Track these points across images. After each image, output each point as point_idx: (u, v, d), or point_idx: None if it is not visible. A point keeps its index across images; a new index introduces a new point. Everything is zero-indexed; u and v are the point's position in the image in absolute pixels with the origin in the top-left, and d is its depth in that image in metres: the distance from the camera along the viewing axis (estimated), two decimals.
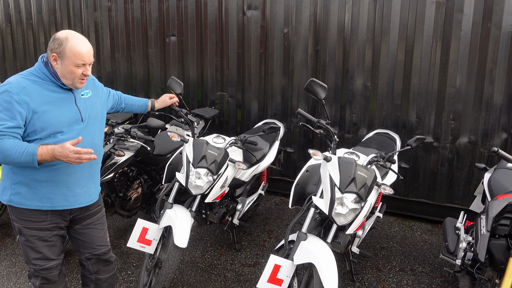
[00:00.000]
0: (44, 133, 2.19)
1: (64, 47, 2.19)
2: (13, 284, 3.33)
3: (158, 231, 3.06)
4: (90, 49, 2.26)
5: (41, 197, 2.27)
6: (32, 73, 2.25)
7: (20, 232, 2.35)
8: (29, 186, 2.25)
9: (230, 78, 5.13)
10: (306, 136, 4.88)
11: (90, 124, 2.38)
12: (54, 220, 2.35)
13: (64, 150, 2.08)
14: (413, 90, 4.23)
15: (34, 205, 2.28)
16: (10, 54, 6.66)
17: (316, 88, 2.78)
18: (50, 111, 2.21)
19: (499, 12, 3.82)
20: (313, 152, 2.59)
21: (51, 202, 2.30)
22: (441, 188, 4.31)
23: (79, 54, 2.20)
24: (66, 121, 2.26)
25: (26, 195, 2.27)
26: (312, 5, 4.55)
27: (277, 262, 2.57)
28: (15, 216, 2.33)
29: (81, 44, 2.23)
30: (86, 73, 2.25)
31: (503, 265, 2.42)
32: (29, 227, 2.31)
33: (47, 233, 2.34)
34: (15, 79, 2.21)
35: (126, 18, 5.60)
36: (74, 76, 2.23)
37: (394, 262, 3.69)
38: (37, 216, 2.30)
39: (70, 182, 2.32)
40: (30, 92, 2.17)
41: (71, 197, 2.34)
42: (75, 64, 2.20)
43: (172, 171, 3.45)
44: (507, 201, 2.55)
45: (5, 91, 2.14)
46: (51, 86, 2.25)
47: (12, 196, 2.28)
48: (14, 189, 2.27)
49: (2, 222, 4.35)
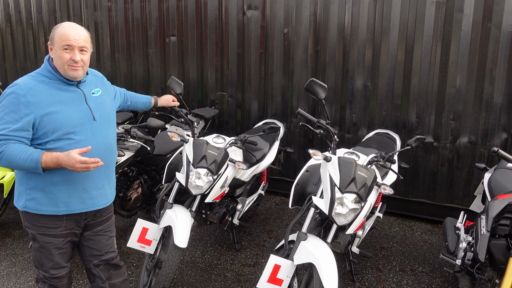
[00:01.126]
0: (56, 135, 2.13)
1: (54, 33, 2.16)
2: (13, 284, 3.33)
3: (158, 231, 3.06)
4: (80, 33, 2.17)
5: (57, 201, 2.20)
6: (39, 73, 2.20)
7: (34, 239, 2.28)
8: (44, 191, 2.18)
9: (230, 78, 5.13)
10: (306, 136, 4.88)
11: (103, 123, 2.31)
12: (69, 226, 2.28)
13: (70, 160, 2.03)
14: (413, 90, 4.23)
15: (50, 211, 2.21)
16: (10, 54, 6.66)
17: (316, 88, 2.78)
18: (60, 112, 2.14)
19: (499, 12, 3.82)
20: (313, 152, 2.59)
21: (67, 206, 2.23)
22: (441, 188, 4.31)
23: (65, 35, 2.12)
24: (77, 120, 2.19)
25: (42, 200, 2.20)
26: (312, 5, 4.55)
27: (277, 262, 2.57)
28: (29, 223, 2.26)
29: (69, 27, 2.16)
30: (75, 58, 2.14)
31: (503, 265, 2.42)
32: (44, 233, 2.24)
33: (61, 240, 2.28)
34: (22, 80, 2.15)
35: (126, 18, 5.60)
36: (62, 61, 2.14)
37: (394, 262, 3.69)
38: (52, 222, 2.24)
39: (87, 184, 2.26)
40: (38, 93, 2.11)
41: (88, 199, 2.28)
42: (61, 47, 2.13)
43: (172, 171, 3.45)
44: (507, 201, 2.55)
45: (12, 92, 2.08)
46: (59, 85, 2.19)
47: (27, 202, 2.21)
48: (29, 194, 2.20)
49: (2, 222, 4.35)
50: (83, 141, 2.19)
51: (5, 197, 3.93)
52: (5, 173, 3.87)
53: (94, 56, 5.89)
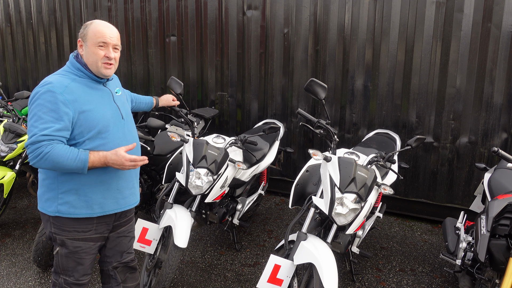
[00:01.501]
0: (91, 134, 2.10)
1: (87, 29, 2.14)
2: (13, 284, 3.33)
3: (158, 231, 3.06)
4: (114, 31, 2.18)
5: (92, 203, 2.17)
6: (68, 71, 2.16)
7: (62, 244, 2.21)
8: (78, 193, 2.14)
9: (230, 78, 5.13)
10: (306, 136, 4.88)
11: (129, 122, 2.31)
12: (99, 230, 2.25)
13: (120, 158, 2.04)
14: (413, 90, 4.23)
15: (84, 213, 2.17)
16: (10, 54, 6.66)
17: (316, 88, 2.78)
18: (95, 110, 2.12)
19: (499, 12, 3.82)
20: (313, 152, 2.59)
21: (102, 208, 2.20)
22: (441, 188, 4.31)
23: (100, 32, 2.12)
24: (110, 119, 2.17)
25: (75, 203, 2.15)
26: (312, 5, 4.55)
27: (277, 262, 2.57)
28: (58, 228, 2.19)
29: (104, 25, 2.16)
30: (109, 55, 2.14)
31: (503, 265, 2.42)
32: (75, 238, 2.19)
33: (91, 244, 2.24)
34: (54, 78, 2.09)
35: (126, 18, 5.60)
36: (96, 58, 2.12)
37: (394, 262, 3.69)
38: (82, 226, 2.19)
39: (121, 184, 2.25)
40: (73, 91, 2.07)
41: (121, 199, 2.27)
42: (96, 44, 2.11)
43: (172, 171, 3.45)
44: (507, 201, 2.55)
45: (48, 91, 2.02)
46: (89, 82, 2.17)
47: (60, 207, 2.14)
48: (62, 198, 2.14)
49: (2, 222, 4.35)
50: (116, 140, 2.18)
51: (5, 197, 3.92)
52: (5, 173, 3.87)
53: None
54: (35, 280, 3.38)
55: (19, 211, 4.66)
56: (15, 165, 4.03)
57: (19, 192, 5.18)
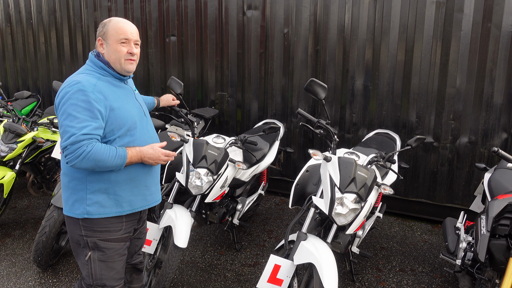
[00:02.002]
0: (122, 131, 2.10)
1: (107, 27, 2.13)
2: (13, 284, 3.33)
3: (158, 231, 3.06)
4: (134, 28, 2.19)
5: (121, 201, 2.15)
6: (91, 70, 2.14)
7: (95, 247, 2.14)
8: (107, 192, 2.11)
9: (230, 78, 5.13)
10: (306, 136, 4.88)
11: (149, 118, 2.34)
12: (128, 229, 2.22)
13: (156, 152, 2.11)
14: (413, 90, 4.23)
15: (114, 212, 2.14)
16: (10, 54, 6.66)
17: (316, 88, 2.78)
18: (123, 107, 2.12)
19: (499, 12, 3.82)
20: (313, 152, 2.59)
21: (131, 205, 2.18)
22: (441, 188, 4.31)
23: (121, 29, 2.12)
24: (136, 116, 2.18)
25: (105, 202, 2.11)
26: (312, 5, 4.55)
27: (277, 262, 2.57)
28: (88, 230, 2.13)
29: (124, 22, 2.16)
30: (132, 51, 2.14)
31: (503, 265, 2.42)
32: (107, 238, 2.14)
33: (122, 244, 2.20)
34: (82, 77, 2.06)
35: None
36: (119, 55, 2.12)
37: (394, 262, 3.69)
38: (113, 224, 2.15)
39: (148, 181, 2.25)
40: (102, 89, 2.06)
41: (148, 195, 2.27)
42: (118, 41, 2.11)
43: (172, 171, 3.45)
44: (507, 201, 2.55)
45: (79, 90, 1.99)
46: (113, 81, 2.16)
47: (89, 208, 2.10)
48: (91, 199, 2.10)
49: (2, 222, 4.35)
50: (142, 137, 2.19)
51: (5, 197, 3.92)
52: (5, 173, 3.87)
53: None
54: (35, 280, 3.38)
55: (19, 211, 4.66)
56: (15, 165, 4.03)
57: (19, 192, 5.18)
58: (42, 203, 4.87)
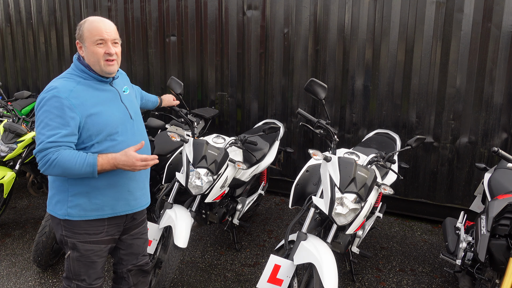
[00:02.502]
0: (100, 137, 2.06)
1: (83, 29, 2.08)
2: (13, 284, 3.33)
3: (158, 231, 3.06)
4: (110, 26, 2.11)
5: (103, 205, 2.13)
6: (72, 73, 2.11)
7: (73, 248, 2.16)
8: (88, 196, 2.10)
9: (230, 78, 5.12)
10: (306, 136, 4.88)
11: (138, 121, 2.26)
12: (110, 232, 2.21)
13: (130, 158, 1.98)
14: (413, 90, 4.23)
15: (94, 215, 2.13)
16: (10, 54, 6.66)
17: (316, 88, 2.78)
18: (103, 112, 2.07)
19: (499, 12, 3.82)
20: (313, 152, 2.59)
21: (113, 209, 2.17)
22: (441, 188, 4.31)
23: (95, 29, 2.06)
24: (118, 120, 2.13)
25: (86, 206, 2.11)
26: (312, 5, 4.55)
27: (277, 262, 2.57)
28: (69, 231, 2.15)
29: (98, 21, 2.09)
30: (109, 51, 2.08)
31: (503, 265, 2.42)
32: (86, 241, 2.15)
33: (102, 246, 2.20)
34: (59, 82, 2.04)
35: (126, 18, 5.60)
36: (97, 57, 2.07)
37: (394, 262, 3.69)
38: (94, 228, 2.15)
39: (132, 186, 2.21)
40: (79, 95, 2.03)
41: (132, 200, 2.23)
42: (94, 42, 2.06)
43: (172, 171, 3.45)
44: (507, 201, 2.55)
45: (54, 96, 1.98)
46: (94, 84, 2.12)
47: (70, 209, 2.11)
48: (72, 201, 2.10)
49: (2, 222, 4.35)
50: (125, 142, 2.14)
51: (5, 197, 3.92)
52: (5, 173, 3.87)
53: None
54: (35, 280, 3.38)
55: (19, 211, 4.66)
56: (15, 165, 4.03)
57: (19, 192, 5.17)
58: (42, 203, 4.87)
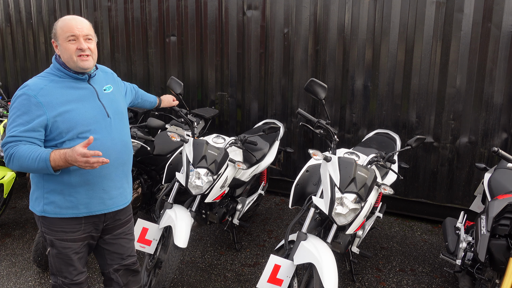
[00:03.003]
0: (70, 134, 2.07)
1: (56, 27, 2.12)
2: (13, 284, 3.33)
3: (158, 231, 3.06)
4: (81, 22, 2.13)
5: (77, 203, 2.14)
6: (49, 72, 2.15)
7: (52, 245, 2.20)
8: (63, 193, 2.12)
9: (230, 78, 5.13)
10: (306, 136, 4.88)
11: (117, 120, 2.25)
12: (87, 230, 2.22)
13: (73, 153, 1.91)
14: (413, 90, 4.23)
15: (69, 213, 2.14)
16: (10, 54, 6.66)
17: (316, 88, 2.78)
18: (74, 110, 2.08)
19: (499, 12, 3.82)
20: (313, 152, 2.59)
21: (87, 208, 2.17)
22: (441, 188, 4.31)
23: (67, 26, 2.09)
24: (92, 118, 2.12)
25: (61, 203, 2.13)
26: (312, 5, 4.55)
27: (277, 262, 2.57)
28: (47, 228, 2.18)
29: (70, 18, 2.12)
30: (81, 46, 2.08)
31: (503, 265, 2.42)
32: (62, 238, 2.17)
33: (79, 244, 2.21)
34: (33, 81, 2.09)
35: (126, 18, 5.60)
36: (69, 53, 2.08)
37: (394, 262, 3.69)
38: (70, 226, 2.17)
39: (106, 184, 2.19)
40: (49, 93, 2.05)
41: (107, 200, 2.22)
42: (66, 39, 2.08)
43: (172, 171, 3.45)
44: (507, 201, 2.55)
45: (23, 94, 2.03)
46: (70, 83, 2.14)
47: (46, 206, 2.13)
48: (47, 198, 2.13)
49: (2, 222, 4.35)
50: (99, 140, 2.13)
51: (5, 197, 3.93)
52: (5, 173, 3.87)
53: None
54: (35, 280, 3.38)
55: (19, 211, 4.66)
56: None
57: (19, 192, 5.18)
58: None
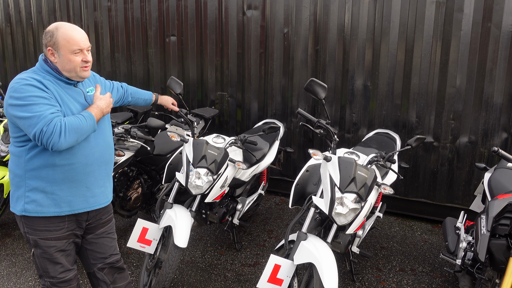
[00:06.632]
0: None
1: (57, 37, 2.10)
2: (13, 284, 3.33)
3: (158, 231, 3.06)
4: (83, 34, 2.17)
5: (60, 201, 2.15)
6: (36, 72, 2.14)
7: (36, 245, 2.19)
8: (45, 191, 2.12)
9: (230, 78, 5.12)
10: (306, 136, 4.88)
11: (101, 121, 2.27)
12: (71, 227, 2.23)
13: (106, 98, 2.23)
14: (413, 90, 4.23)
15: (52, 212, 2.14)
16: (10, 54, 6.66)
17: (316, 88, 2.78)
18: (66, 107, 2.12)
19: (499, 12, 3.82)
20: (313, 152, 2.59)
21: (70, 206, 2.18)
22: (441, 188, 4.31)
23: (73, 39, 2.10)
24: None
25: (42, 201, 2.13)
26: (312, 5, 4.55)
27: (277, 262, 2.57)
28: (29, 228, 2.18)
29: (73, 29, 2.13)
30: (86, 59, 2.15)
31: (503, 265, 2.42)
32: (46, 237, 2.17)
33: (64, 241, 2.22)
34: (26, 75, 2.08)
35: (126, 18, 5.60)
36: (74, 65, 2.12)
37: (394, 262, 3.69)
38: (54, 224, 2.17)
39: (89, 181, 2.22)
40: (47, 86, 2.08)
41: (90, 197, 2.24)
42: (71, 52, 2.11)
43: (172, 171, 3.45)
44: (507, 201, 2.55)
45: (28, 84, 2.02)
46: (59, 82, 2.16)
47: (26, 205, 2.13)
48: (28, 197, 2.13)
49: (2, 222, 4.35)
50: (86, 139, 2.16)
51: (5, 197, 3.93)
52: (5, 173, 3.87)
53: (94, 56, 5.89)
54: (35, 280, 3.38)
55: None
56: None
57: None
58: None
